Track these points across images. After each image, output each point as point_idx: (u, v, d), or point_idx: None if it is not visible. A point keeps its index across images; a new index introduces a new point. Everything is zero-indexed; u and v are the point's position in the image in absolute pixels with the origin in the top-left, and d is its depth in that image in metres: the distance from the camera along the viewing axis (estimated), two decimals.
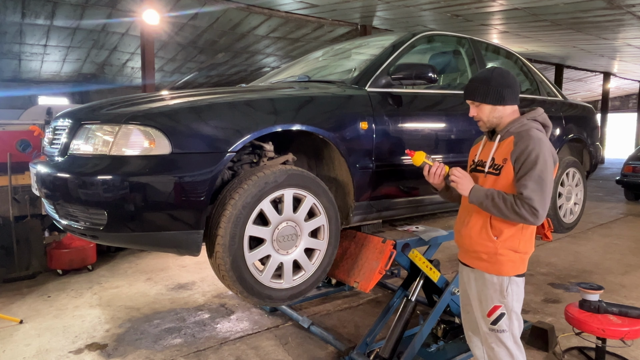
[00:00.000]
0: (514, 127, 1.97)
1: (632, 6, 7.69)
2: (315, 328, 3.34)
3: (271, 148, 2.34)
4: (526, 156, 1.86)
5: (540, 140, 1.88)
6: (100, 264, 5.10)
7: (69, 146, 2.09)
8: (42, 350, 3.15)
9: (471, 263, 2.09)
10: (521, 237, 1.98)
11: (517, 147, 1.90)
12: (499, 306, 2.00)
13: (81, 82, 14.94)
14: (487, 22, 9.24)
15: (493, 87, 1.96)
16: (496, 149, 2.01)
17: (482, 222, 2.01)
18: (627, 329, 2.63)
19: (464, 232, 2.09)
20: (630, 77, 18.12)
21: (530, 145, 1.86)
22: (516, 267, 2.00)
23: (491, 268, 2.00)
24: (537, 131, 1.94)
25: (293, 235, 2.21)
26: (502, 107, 1.98)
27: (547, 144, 1.90)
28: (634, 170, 8.85)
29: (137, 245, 2.16)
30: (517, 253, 1.98)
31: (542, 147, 1.86)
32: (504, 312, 2.00)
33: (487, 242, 1.99)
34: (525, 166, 1.86)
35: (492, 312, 2.02)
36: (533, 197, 1.82)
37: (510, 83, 1.98)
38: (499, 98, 1.96)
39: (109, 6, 8.61)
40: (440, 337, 3.07)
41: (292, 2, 8.17)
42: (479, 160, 2.10)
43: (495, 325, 2.02)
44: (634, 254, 5.40)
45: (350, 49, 3.42)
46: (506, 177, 1.93)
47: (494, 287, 2.00)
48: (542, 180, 1.84)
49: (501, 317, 2.00)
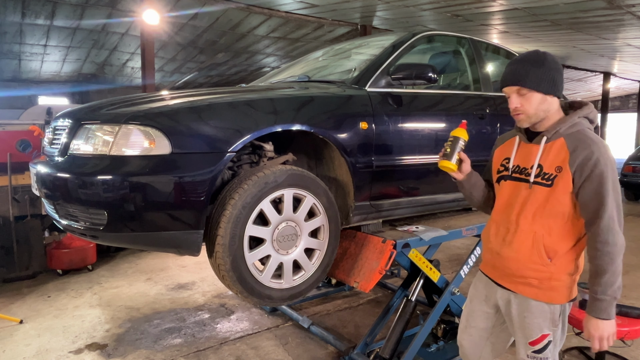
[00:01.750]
0: (564, 127, 1.65)
1: (632, 6, 7.69)
2: (315, 328, 3.34)
3: (271, 148, 2.34)
4: (592, 166, 1.56)
5: (602, 144, 1.59)
6: (100, 264, 5.10)
7: (69, 146, 2.09)
8: (42, 350, 3.15)
9: (514, 288, 1.78)
10: (576, 256, 1.72)
11: (577, 154, 1.58)
12: (547, 335, 1.74)
13: (81, 82, 14.93)
14: (487, 22, 9.24)
15: (547, 71, 1.62)
16: (542, 154, 1.68)
17: (531, 241, 1.69)
18: (627, 329, 2.63)
19: (506, 253, 1.76)
20: (630, 77, 18.11)
21: (596, 152, 1.56)
22: (570, 293, 1.74)
23: (542, 295, 1.71)
24: (592, 133, 1.64)
25: (293, 235, 2.21)
26: (553, 98, 1.66)
27: (608, 148, 1.61)
28: (634, 170, 8.85)
29: (137, 245, 2.16)
30: (572, 276, 1.71)
31: (607, 153, 1.57)
32: (551, 340, 1.75)
33: (540, 266, 1.68)
34: (594, 179, 1.56)
35: (538, 340, 1.75)
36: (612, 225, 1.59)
37: (561, 70, 1.67)
38: (553, 86, 1.63)
39: (109, 6, 8.60)
40: (440, 337, 3.07)
41: (292, 2, 8.17)
42: (515, 166, 1.77)
43: (540, 353, 1.76)
44: (634, 254, 5.40)
45: (350, 49, 3.42)
46: (564, 190, 1.62)
47: (544, 316, 1.73)
48: (616, 201, 1.59)
49: (547, 346, 1.75)
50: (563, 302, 1.73)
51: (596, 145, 1.57)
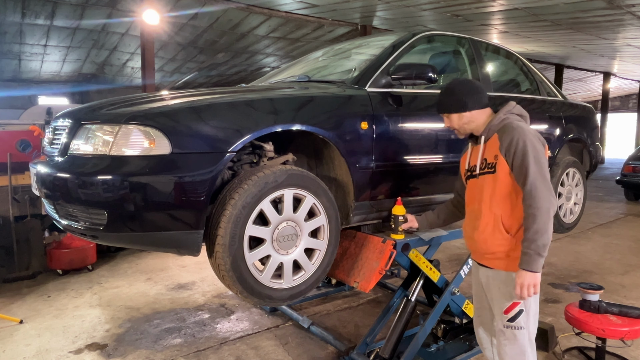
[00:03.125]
0: (494, 125, 2.05)
1: (632, 6, 7.69)
2: (315, 328, 3.34)
3: (271, 148, 2.34)
4: (515, 146, 1.92)
5: (521, 128, 1.96)
6: (100, 264, 5.10)
7: (69, 146, 2.09)
8: (42, 350, 3.15)
9: (489, 264, 2.09)
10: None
11: (503, 141, 1.97)
12: (517, 303, 2.00)
13: (81, 82, 14.94)
14: (487, 22, 9.24)
15: (454, 97, 2.10)
16: (484, 150, 2.08)
17: (492, 222, 2.02)
18: (627, 329, 2.63)
19: (476, 236, 2.09)
20: (630, 77, 18.12)
21: (515, 135, 1.93)
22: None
23: (510, 265, 2.00)
24: (517, 122, 2.01)
25: (293, 235, 2.21)
26: (469, 112, 2.08)
27: (529, 130, 1.97)
28: (634, 170, 8.84)
29: (137, 245, 2.16)
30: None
31: (526, 134, 1.93)
32: (523, 308, 2.00)
33: (502, 241, 2.00)
34: (518, 156, 1.91)
35: (510, 308, 2.02)
36: (537, 184, 1.86)
37: (469, 90, 2.09)
38: (462, 105, 2.07)
39: (109, 6, 8.61)
40: (440, 337, 3.07)
41: (292, 2, 8.17)
42: (471, 166, 2.16)
43: (513, 322, 2.01)
44: (634, 254, 5.40)
45: (350, 49, 3.42)
46: (503, 172, 1.98)
47: (513, 284, 1.97)
48: (538, 164, 1.88)
49: (519, 314, 2.00)
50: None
51: (516, 130, 1.95)
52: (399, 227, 2.50)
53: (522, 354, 2.01)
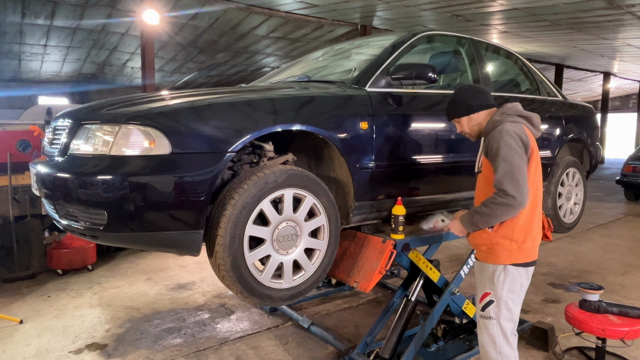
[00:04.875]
0: (488, 128, 2.14)
1: (632, 6, 7.70)
2: (315, 328, 3.34)
3: (271, 148, 2.34)
4: (491, 148, 2.03)
5: (502, 130, 2.02)
6: (100, 264, 5.10)
7: (69, 146, 2.09)
8: (42, 350, 3.15)
9: (478, 256, 2.23)
10: (514, 225, 2.05)
11: (487, 143, 2.08)
12: (488, 293, 2.10)
13: (81, 82, 14.94)
14: (487, 22, 9.24)
15: (460, 102, 2.22)
16: (481, 150, 2.20)
17: None
18: (627, 329, 2.63)
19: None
20: (630, 77, 18.12)
21: (493, 138, 2.03)
22: (511, 257, 2.07)
23: (489, 257, 2.12)
24: (507, 124, 2.04)
25: (293, 235, 2.21)
26: (476, 114, 2.18)
27: (509, 132, 2.00)
28: (634, 170, 8.84)
29: (137, 245, 2.16)
30: (512, 241, 2.05)
31: (503, 135, 1.99)
32: (493, 299, 2.08)
33: (483, 234, 2.11)
34: (492, 157, 2.02)
35: (482, 298, 2.13)
36: (502, 180, 1.94)
37: (473, 93, 2.22)
38: (469, 108, 2.19)
39: (109, 6, 8.61)
40: (440, 337, 3.07)
41: (292, 2, 8.17)
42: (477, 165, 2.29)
43: (484, 311, 2.11)
44: (634, 254, 5.40)
45: (350, 49, 3.42)
46: (488, 172, 2.09)
47: (487, 275, 2.12)
48: (507, 161, 1.95)
49: (489, 304, 2.09)
50: (504, 262, 2.07)
51: (495, 132, 2.04)
52: (398, 226, 2.51)
53: (492, 344, 2.09)
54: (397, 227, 2.52)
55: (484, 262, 2.15)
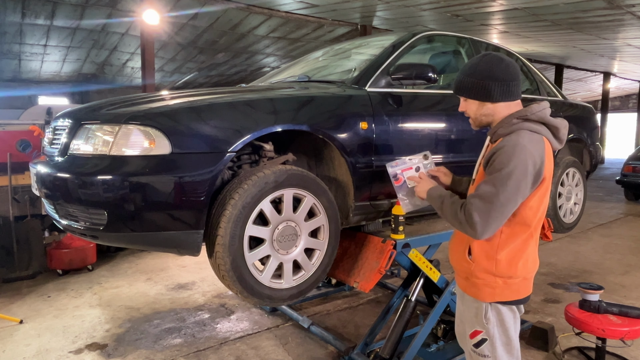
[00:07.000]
0: (502, 129, 1.64)
1: (632, 6, 7.69)
2: (315, 328, 3.34)
3: (271, 148, 2.34)
4: (494, 160, 1.57)
5: (515, 148, 1.54)
6: (100, 264, 5.10)
7: (69, 146, 2.09)
8: (42, 350, 3.15)
9: (457, 281, 1.87)
10: (497, 259, 1.66)
11: (490, 153, 1.62)
12: (480, 331, 1.73)
13: (81, 82, 14.94)
14: (487, 22, 9.24)
15: (478, 79, 1.64)
16: (484, 153, 1.76)
17: (461, 237, 1.78)
18: (627, 329, 2.63)
19: (450, 245, 1.90)
20: (630, 77, 18.11)
21: (502, 153, 1.55)
22: (494, 294, 1.68)
23: (469, 289, 1.75)
24: (526, 134, 1.58)
25: (293, 235, 2.21)
26: (494, 104, 1.66)
27: (523, 156, 1.53)
28: (634, 170, 8.84)
29: (137, 245, 2.16)
30: (496, 277, 1.67)
31: (513, 159, 1.53)
32: (486, 338, 1.72)
33: (462, 261, 1.75)
34: (489, 171, 1.59)
35: (472, 335, 1.76)
36: (476, 202, 1.55)
37: (500, 75, 1.62)
38: (486, 94, 1.64)
39: (109, 6, 8.61)
40: (440, 337, 3.07)
41: (292, 2, 8.17)
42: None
43: (477, 348, 1.75)
44: (634, 254, 5.40)
45: (350, 49, 3.42)
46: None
47: (473, 311, 1.76)
48: (496, 194, 1.52)
49: (483, 343, 1.73)
50: (487, 300, 1.69)
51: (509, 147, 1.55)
52: (398, 226, 2.51)
53: None
54: (397, 227, 2.51)
55: (466, 292, 1.78)
